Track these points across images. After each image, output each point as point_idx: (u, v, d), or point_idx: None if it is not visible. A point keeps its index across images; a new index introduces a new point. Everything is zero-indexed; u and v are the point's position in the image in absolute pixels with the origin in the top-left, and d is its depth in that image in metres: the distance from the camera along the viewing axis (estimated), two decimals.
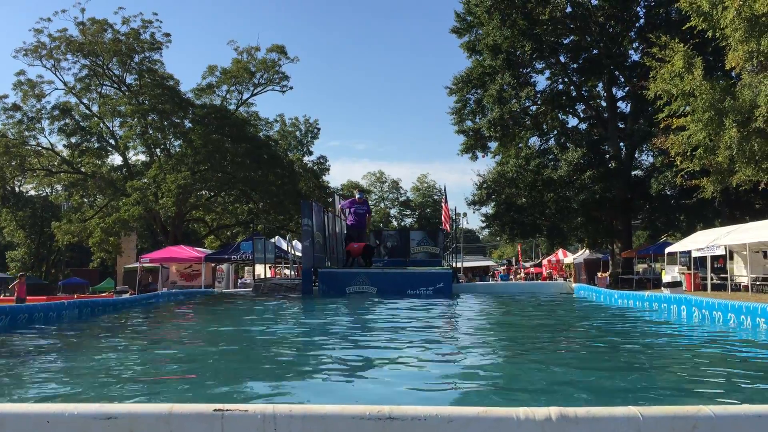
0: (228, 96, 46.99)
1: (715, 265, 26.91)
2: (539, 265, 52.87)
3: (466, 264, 41.69)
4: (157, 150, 45.22)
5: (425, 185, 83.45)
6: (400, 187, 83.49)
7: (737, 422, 1.92)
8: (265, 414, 1.85)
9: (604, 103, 37.99)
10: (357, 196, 15.64)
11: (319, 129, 57.93)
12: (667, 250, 29.64)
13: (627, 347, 5.59)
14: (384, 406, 1.89)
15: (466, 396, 3.49)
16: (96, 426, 1.86)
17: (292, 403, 1.92)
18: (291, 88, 47.74)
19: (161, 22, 53.48)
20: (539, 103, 36.84)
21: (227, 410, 1.86)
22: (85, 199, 46.58)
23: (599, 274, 35.78)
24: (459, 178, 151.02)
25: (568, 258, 46.89)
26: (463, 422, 1.85)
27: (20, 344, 5.97)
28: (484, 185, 36.27)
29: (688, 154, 21.92)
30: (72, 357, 5.17)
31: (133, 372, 4.30)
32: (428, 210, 79.44)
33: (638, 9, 34.98)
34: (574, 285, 15.76)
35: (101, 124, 44.41)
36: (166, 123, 42.39)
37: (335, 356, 5.03)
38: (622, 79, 36.01)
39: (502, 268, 41.51)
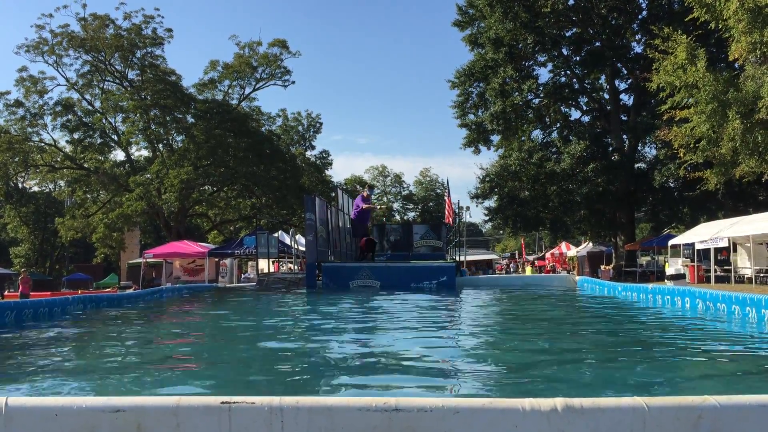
0: (230, 91, 46.98)
1: (719, 257, 26.88)
2: (542, 258, 52.95)
3: (469, 258, 41.67)
4: (160, 145, 45.25)
5: (428, 179, 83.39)
6: (403, 181, 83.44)
7: (742, 412, 1.92)
8: (272, 406, 1.86)
9: (606, 96, 37.89)
10: (367, 192, 16.10)
11: (321, 123, 57.82)
12: (671, 242, 29.60)
13: (630, 339, 5.60)
14: (390, 398, 1.90)
15: (471, 387, 3.50)
16: (104, 419, 1.87)
17: (299, 396, 1.93)
18: (293, 82, 47.73)
19: (163, 17, 53.47)
20: (542, 96, 36.73)
21: (234, 402, 1.87)
22: (88, 195, 46.64)
23: (602, 266, 35.82)
24: (462, 171, 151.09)
25: (572, 251, 46.97)
26: (469, 413, 1.86)
27: (26, 339, 5.99)
28: (487, 179, 36.23)
29: (692, 146, 21.85)
30: (78, 351, 5.19)
31: (140, 366, 4.32)
32: (431, 204, 79.37)
33: (641, 0, 34.86)
34: (577, 278, 15.75)
35: (104, 120, 44.40)
36: (168, 118, 42.40)
37: (341, 349, 5.04)
38: (625, 72, 35.89)
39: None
